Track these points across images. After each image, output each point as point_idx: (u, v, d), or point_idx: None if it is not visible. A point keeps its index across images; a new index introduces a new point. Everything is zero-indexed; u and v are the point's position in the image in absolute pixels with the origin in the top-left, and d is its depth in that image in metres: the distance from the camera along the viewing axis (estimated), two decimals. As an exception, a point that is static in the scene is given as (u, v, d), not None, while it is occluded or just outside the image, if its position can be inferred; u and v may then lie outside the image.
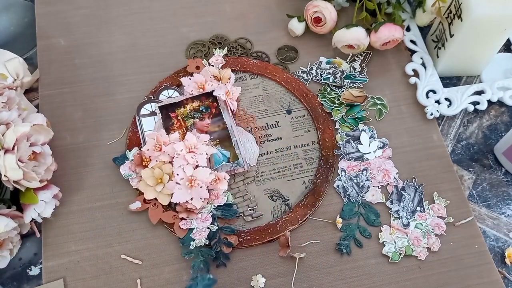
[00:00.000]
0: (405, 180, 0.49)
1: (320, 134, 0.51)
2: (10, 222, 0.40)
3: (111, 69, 0.55)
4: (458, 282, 0.45)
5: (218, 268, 0.45)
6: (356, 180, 0.49)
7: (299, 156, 0.51)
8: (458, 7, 0.51)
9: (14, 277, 0.44)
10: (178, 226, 0.45)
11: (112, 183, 0.48)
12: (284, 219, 0.46)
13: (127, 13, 0.59)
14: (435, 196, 0.49)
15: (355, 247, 0.46)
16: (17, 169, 0.39)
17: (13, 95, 0.43)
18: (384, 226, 0.47)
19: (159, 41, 0.57)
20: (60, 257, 0.44)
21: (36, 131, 0.42)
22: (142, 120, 0.51)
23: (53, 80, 0.53)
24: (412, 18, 0.61)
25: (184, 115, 0.50)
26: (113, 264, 0.44)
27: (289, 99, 0.54)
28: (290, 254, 0.45)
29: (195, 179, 0.45)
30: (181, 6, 0.60)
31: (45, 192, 0.43)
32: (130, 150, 0.48)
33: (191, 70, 0.54)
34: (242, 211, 0.47)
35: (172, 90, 0.53)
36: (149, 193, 0.45)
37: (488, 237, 0.49)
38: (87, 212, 0.46)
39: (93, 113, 0.52)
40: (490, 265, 0.46)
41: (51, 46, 0.56)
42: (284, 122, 0.53)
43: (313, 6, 0.56)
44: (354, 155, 0.50)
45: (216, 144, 0.49)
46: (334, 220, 0.47)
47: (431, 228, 0.47)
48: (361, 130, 0.51)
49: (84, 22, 0.58)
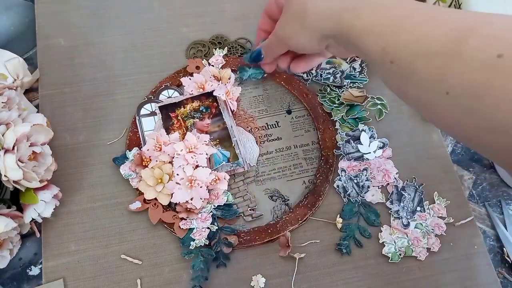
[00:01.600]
0: (405, 180, 0.50)
1: (320, 134, 0.51)
2: (10, 222, 0.40)
3: (111, 69, 0.55)
4: (458, 283, 0.45)
5: (218, 268, 0.45)
6: (356, 180, 0.49)
7: (299, 156, 0.51)
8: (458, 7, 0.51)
9: (14, 277, 0.44)
10: (178, 226, 0.45)
11: (112, 183, 0.48)
12: (284, 219, 0.46)
13: (127, 13, 0.59)
14: (435, 196, 0.49)
15: (355, 247, 0.46)
16: (17, 169, 0.39)
17: (13, 95, 0.42)
18: (384, 226, 0.47)
19: (159, 41, 0.57)
20: (60, 257, 0.44)
21: (36, 131, 0.42)
22: (142, 120, 0.51)
23: (53, 80, 0.53)
24: (412, 18, 0.61)
25: (184, 115, 0.50)
26: (113, 264, 0.44)
27: (289, 99, 0.54)
28: (290, 254, 0.45)
29: (195, 179, 0.45)
30: (181, 6, 0.60)
31: (45, 192, 0.43)
32: (130, 150, 0.48)
33: (191, 70, 0.54)
34: (242, 211, 0.47)
35: (172, 90, 0.53)
36: (149, 193, 0.45)
37: (488, 237, 0.49)
38: (87, 212, 0.46)
39: (93, 113, 0.52)
40: (490, 266, 0.46)
41: (51, 46, 0.56)
42: (284, 122, 0.53)
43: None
44: (354, 155, 0.50)
45: (216, 144, 0.49)
46: (334, 220, 0.47)
47: (431, 228, 0.47)
48: (361, 130, 0.51)
49: (84, 22, 0.58)
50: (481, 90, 0.26)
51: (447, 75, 0.28)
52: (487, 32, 0.27)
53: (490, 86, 0.26)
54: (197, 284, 0.43)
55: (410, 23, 0.31)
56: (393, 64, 0.32)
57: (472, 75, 0.27)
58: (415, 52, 0.30)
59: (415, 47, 0.30)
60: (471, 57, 0.27)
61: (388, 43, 0.32)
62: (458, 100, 0.28)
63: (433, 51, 0.29)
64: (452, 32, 0.29)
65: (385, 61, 0.33)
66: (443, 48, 0.29)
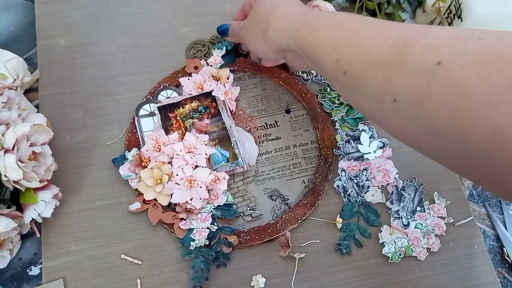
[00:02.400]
0: (405, 180, 0.49)
1: (319, 133, 0.51)
2: (10, 222, 0.40)
3: (111, 69, 0.55)
4: (458, 283, 0.45)
5: (218, 268, 0.45)
6: (356, 180, 0.49)
7: (298, 156, 0.51)
8: (458, 7, 0.50)
9: (14, 277, 0.44)
10: (178, 226, 0.45)
11: (112, 183, 0.48)
12: (284, 219, 0.46)
13: (127, 13, 0.59)
14: (435, 196, 0.49)
15: (355, 247, 0.46)
16: (17, 169, 0.39)
17: (13, 95, 0.43)
18: (384, 226, 0.47)
19: (159, 41, 0.57)
20: (60, 257, 0.44)
21: (36, 131, 0.42)
22: (141, 120, 0.51)
23: (53, 80, 0.53)
24: (412, 18, 0.61)
25: (183, 115, 0.50)
26: (113, 264, 0.44)
27: (288, 98, 0.54)
28: (290, 254, 0.45)
29: (194, 179, 0.45)
30: (181, 6, 0.60)
31: (45, 192, 0.43)
32: (129, 150, 0.48)
33: (190, 70, 0.54)
34: (242, 211, 0.47)
35: (171, 91, 0.53)
36: (149, 194, 0.45)
37: (488, 237, 0.49)
38: (87, 212, 0.47)
39: (93, 113, 0.52)
40: (490, 266, 0.46)
41: (51, 46, 0.56)
42: (283, 122, 0.53)
43: (313, 6, 0.56)
44: (354, 155, 0.50)
45: (215, 144, 0.49)
46: (334, 220, 0.47)
47: (431, 228, 0.47)
48: (361, 130, 0.51)
49: (84, 22, 0.58)
50: (423, 95, 0.28)
51: (393, 83, 0.30)
52: (427, 41, 0.29)
53: (431, 91, 0.28)
54: (197, 284, 0.43)
55: (360, 37, 0.34)
56: (346, 75, 0.35)
57: (415, 82, 0.29)
58: (364, 63, 0.33)
59: (364, 58, 0.33)
60: (413, 65, 0.29)
61: (341, 55, 0.35)
62: (403, 106, 0.30)
63: (380, 61, 0.31)
64: (396, 44, 0.31)
65: (339, 73, 0.35)
66: (388, 58, 0.31)
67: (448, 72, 0.27)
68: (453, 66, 0.27)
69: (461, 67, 0.26)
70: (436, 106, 0.27)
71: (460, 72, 0.26)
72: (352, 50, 0.34)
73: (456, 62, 0.27)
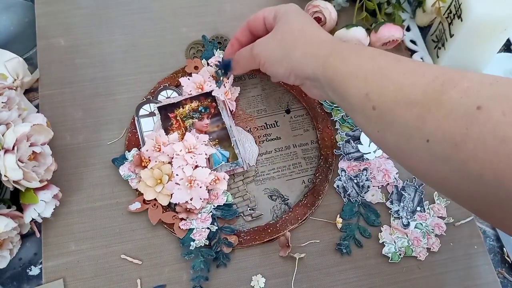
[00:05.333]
0: (405, 180, 0.49)
1: (319, 133, 0.51)
2: (10, 222, 0.40)
3: (111, 69, 0.55)
4: (457, 283, 0.45)
5: (218, 268, 0.45)
6: (356, 180, 0.49)
7: (298, 156, 0.51)
8: (458, 7, 0.50)
9: (14, 277, 0.44)
10: (178, 226, 0.45)
11: (112, 183, 0.48)
12: (284, 219, 0.46)
13: (127, 13, 0.59)
14: (435, 196, 0.49)
15: (355, 247, 0.46)
16: (17, 169, 0.39)
17: (13, 95, 0.43)
18: (384, 226, 0.47)
19: (159, 41, 0.57)
20: (60, 257, 0.44)
21: (36, 131, 0.42)
22: (141, 120, 0.51)
23: (53, 80, 0.53)
24: (412, 18, 0.61)
25: (183, 115, 0.50)
26: (113, 264, 0.44)
27: (288, 98, 0.54)
28: (290, 254, 0.45)
29: (194, 179, 0.45)
30: (181, 6, 0.60)
31: (45, 192, 0.43)
32: (129, 150, 0.48)
33: (190, 70, 0.54)
34: (242, 211, 0.47)
35: (170, 91, 0.53)
36: (149, 194, 0.45)
37: (488, 237, 0.49)
38: (87, 212, 0.47)
39: (93, 113, 0.52)
40: (490, 266, 0.46)
41: (51, 46, 0.56)
42: (283, 122, 0.53)
43: (313, 6, 0.56)
44: (354, 155, 0.50)
45: (215, 144, 0.49)
46: (334, 220, 0.47)
47: (431, 228, 0.47)
48: (361, 130, 0.51)
49: (84, 22, 0.58)
50: (460, 138, 0.28)
51: (427, 123, 0.30)
52: (466, 85, 0.29)
53: (468, 135, 0.27)
54: (197, 284, 0.43)
55: (393, 72, 0.33)
56: (375, 110, 0.33)
57: (452, 124, 0.28)
58: (397, 100, 0.32)
59: (397, 95, 0.32)
60: (452, 107, 0.29)
61: (371, 89, 0.34)
62: (437, 147, 0.29)
63: (415, 100, 0.31)
64: (433, 83, 0.30)
65: (367, 107, 0.34)
66: (424, 98, 0.30)
67: (489, 118, 0.27)
68: (494, 111, 0.26)
69: (503, 113, 0.26)
70: (473, 149, 0.27)
71: (502, 118, 0.26)
72: (384, 84, 0.33)
73: (497, 108, 0.26)
